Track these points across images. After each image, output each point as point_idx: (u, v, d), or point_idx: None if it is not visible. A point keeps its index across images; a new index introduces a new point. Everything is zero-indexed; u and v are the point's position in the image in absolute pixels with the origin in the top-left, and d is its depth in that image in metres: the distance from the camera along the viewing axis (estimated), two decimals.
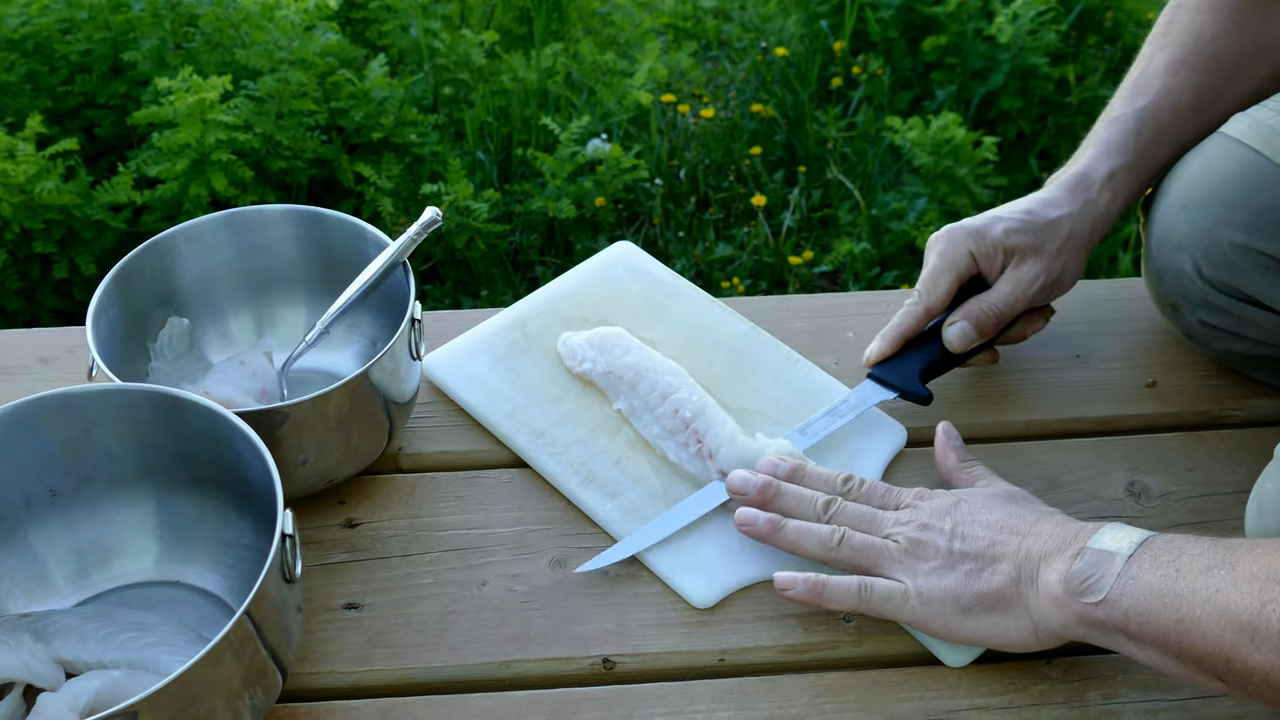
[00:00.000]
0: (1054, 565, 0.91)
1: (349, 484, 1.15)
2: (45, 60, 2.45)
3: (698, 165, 2.76)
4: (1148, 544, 0.88)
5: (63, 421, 0.99)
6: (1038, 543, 0.94)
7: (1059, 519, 0.96)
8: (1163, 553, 0.87)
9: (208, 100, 2.22)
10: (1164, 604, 0.84)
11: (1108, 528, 0.91)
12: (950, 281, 1.15)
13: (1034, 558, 0.93)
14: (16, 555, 1.01)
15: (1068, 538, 0.92)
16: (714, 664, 1.02)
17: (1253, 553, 0.83)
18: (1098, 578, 0.88)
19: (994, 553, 0.95)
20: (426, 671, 1.01)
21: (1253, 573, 0.81)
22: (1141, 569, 0.87)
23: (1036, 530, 0.95)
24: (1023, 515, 0.98)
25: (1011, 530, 0.96)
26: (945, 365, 1.18)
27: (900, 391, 1.16)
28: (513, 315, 1.29)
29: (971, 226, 1.15)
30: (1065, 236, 1.15)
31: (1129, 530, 0.90)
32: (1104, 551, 0.89)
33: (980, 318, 1.14)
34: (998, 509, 0.99)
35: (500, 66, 2.82)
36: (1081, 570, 0.89)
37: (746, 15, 3.16)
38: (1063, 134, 2.82)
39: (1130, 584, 0.87)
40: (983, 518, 0.98)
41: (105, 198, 2.28)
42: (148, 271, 1.15)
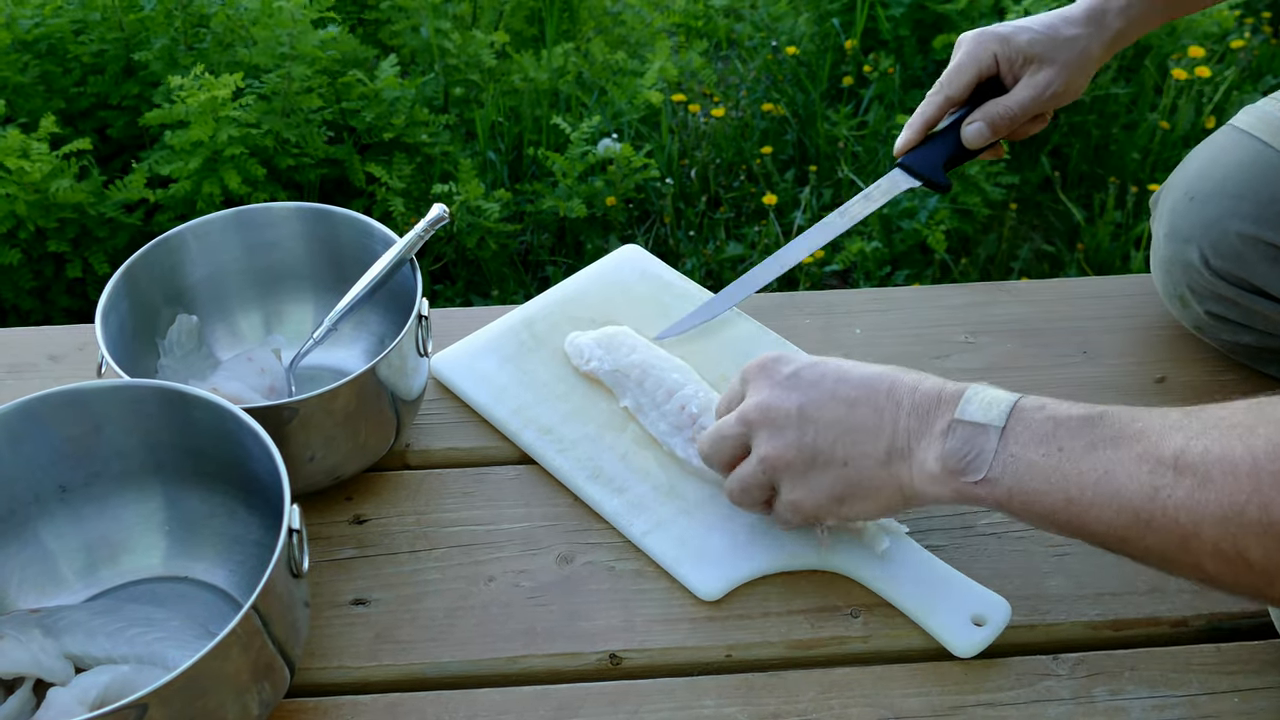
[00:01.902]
0: (926, 444, 0.89)
1: (356, 480, 1.15)
2: (58, 61, 2.46)
3: (709, 164, 2.76)
4: (1018, 413, 0.86)
5: (72, 418, 0.99)
6: (901, 416, 0.91)
7: (908, 382, 0.92)
8: (1038, 425, 0.84)
9: (220, 97, 2.23)
10: (1050, 484, 0.83)
11: (971, 391, 0.88)
12: (972, 76, 1.22)
13: (901, 433, 0.91)
14: (26, 551, 1.02)
15: (929, 406, 0.90)
16: (721, 659, 1.02)
17: (1131, 428, 0.81)
18: (974, 455, 0.86)
19: (854, 443, 0.93)
20: (434, 667, 1.01)
21: (1139, 454, 0.79)
22: (1021, 446, 0.85)
23: (895, 398, 0.92)
24: (874, 387, 0.93)
25: (870, 405, 0.93)
26: (961, 158, 1.25)
27: (925, 180, 1.24)
28: (520, 316, 1.29)
29: (999, 32, 1.22)
30: (1079, 52, 1.21)
31: (994, 394, 0.88)
32: (975, 425, 0.87)
33: (996, 119, 1.22)
34: (845, 388, 0.95)
35: (511, 66, 2.83)
36: (957, 449, 0.87)
37: (757, 14, 3.16)
38: (1074, 132, 2.81)
39: (1011, 462, 0.85)
40: (830, 413, 0.94)
41: (118, 197, 2.29)
42: (157, 269, 1.16)
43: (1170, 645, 1.02)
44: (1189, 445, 0.77)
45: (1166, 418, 0.80)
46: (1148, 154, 2.74)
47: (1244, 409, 0.77)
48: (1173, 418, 0.80)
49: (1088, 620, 1.04)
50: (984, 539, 1.09)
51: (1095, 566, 1.08)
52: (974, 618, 1.02)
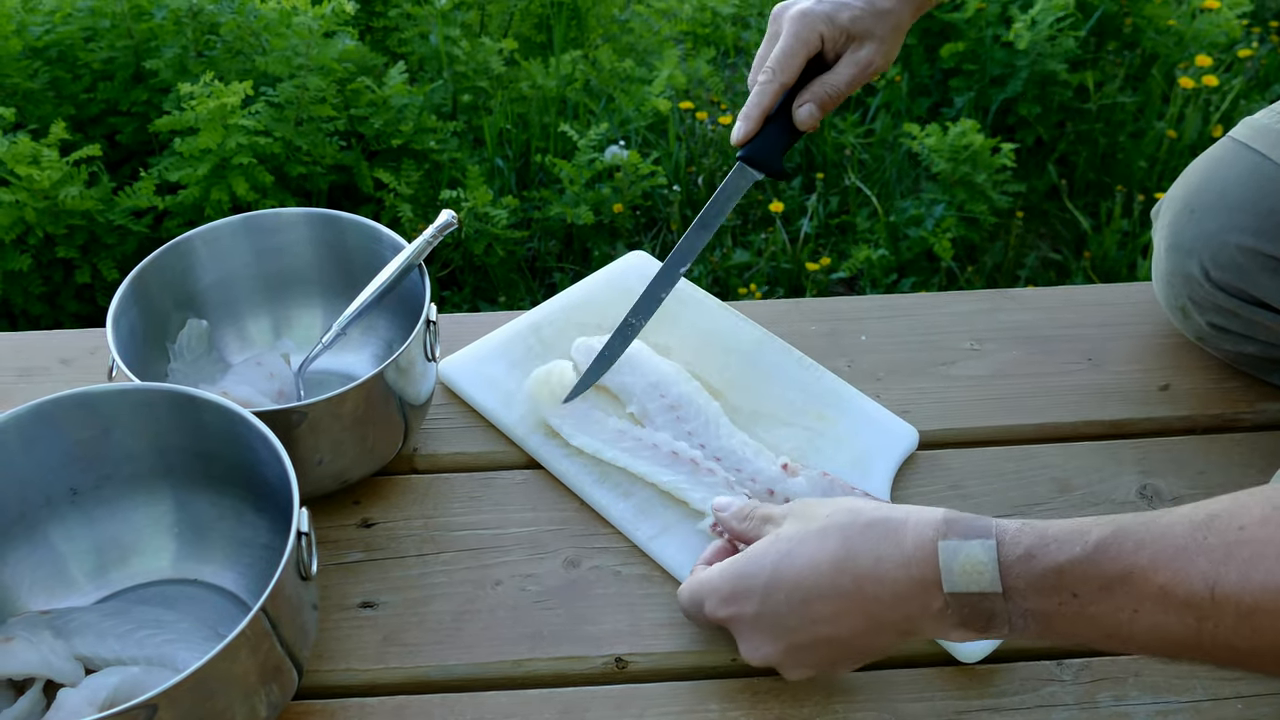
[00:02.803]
0: (930, 623, 0.86)
1: (364, 484, 1.16)
2: (69, 68, 2.47)
3: (715, 172, 2.76)
4: (1008, 569, 0.81)
5: (83, 421, 1.00)
6: (887, 613, 0.86)
7: (869, 569, 0.86)
8: (1039, 577, 0.80)
9: (229, 105, 2.24)
10: (1079, 627, 0.80)
11: (944, 558, 0.83)
12: (802, 59, 1.20)
13: (899, 624, 0.87)
14: (37, 553, 1.03)
15: (909, 594, 0.85)
16: (726, 664, 1.02)
17: (1140, 557, 0.77)
18: (987, 619, 0.83)
19: (858, 647, 0.91)
20: (441, 669, 1.02)
21: (1163, 588, 0.75)
22: (1031, 601, 0.81)
23: (872, 596, 0.86)
24: (843, 593, 0.88)
25: (855, 614, 0.88)
26: (793, 142, 1.24)
27: (767, 170, 1.22)
28: (528, 321, 1.30)
29: (822, 11, 1.19)
30: (893, 26, 1.20)
31: (969, 553, 0.82)
32: (971, 595, 0.82)
33: (824, 99, 1.20)
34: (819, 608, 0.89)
35: (519, 74, 2.84)
36: (967, 619, 0.83)
37: (764, 22, 3.16)
38: (1081, 140, 2.82)
39: (1030, 616, 0.81)
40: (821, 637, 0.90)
41: (127, 203, 2.30)
42: (167, 274, 1.17)
43: None
44: (1221, 575, 0.73)
45: (1174, 537, 0.76)
46: (1155, 162, 2.75)
47: (1259, 518, 0.74)
48: (1181, 534, 0.76)
49: None
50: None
51: None
52: None
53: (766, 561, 0.91)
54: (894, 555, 0.85)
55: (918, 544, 0.85)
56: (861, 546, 0.87)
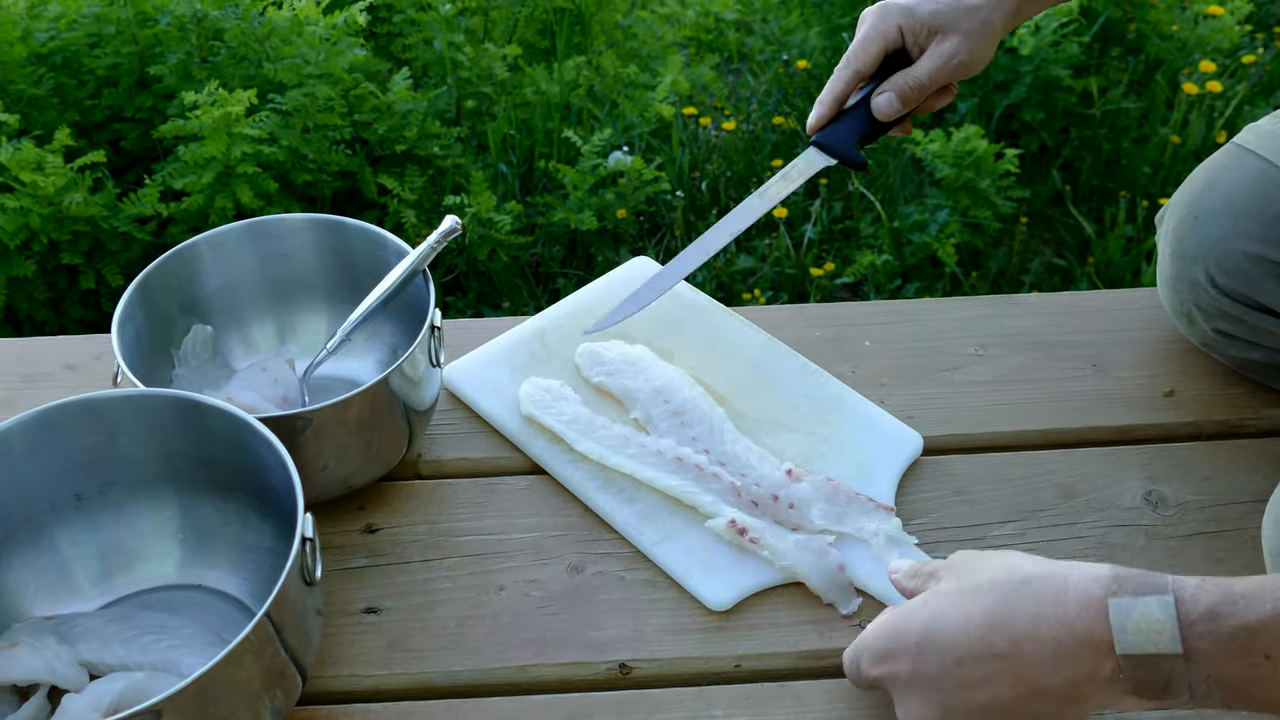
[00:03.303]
0: (1099, 689, 0.80)
1: (369, 490, 1.16)
2: (73, 74, 2.48)
3: (719, 177, 2.76)
4: (1191, 628, 0.75)
5: (87, 426, 1.00)
6: (1050, 679, 0.81)
7: (1028, 630, 0.81)
8: (1227, 639, 0.74)
9: (233, 114, 2.24)
10: (1274, 690, 0.75)
11: (1116, 617, 0.78)
12: (879, 49, 1.20)
13: (1063, 689, 0.81)
14: (42, 558, 1.03)
15: (1074, 655, 0.79)
16: (730, 669, 1.02)
17: None
18: (1164, 684, 0.77)
19: (1013, 709, 0.84)
20: (445, 675, 1.02)
21: None
22: (1217, 665, 0.75)
23: (1035, 662, 0.81)
24: (1003, 657, 0.83)
25: (1013, 682, 0.82)
26: (873, 135, 1.24)
27: (840, 157, 1.22)
28: (532, 327, 1.30)
29: (903, 4, 1.20)
30: (981, 22, 1.20)
31: (1144, 611, 0.77)
32: (1149, 657, 0.76)
33: (904, 89, 1.20)
34: (974, 672, 0.84)
35: (523, 79, 2.84)
36: (1143, 684, 0.77)
37: (768, 28, 3.17)
38: (1085, 146, 2.82)
39: (1215, 681, 0.76)
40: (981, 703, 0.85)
41: (132, 210, 2.30)
42: (172, 279, 1.17)
43: None
44: None
45: None
46: (1159, 168, 2.74)
47: None
48: None
49: None
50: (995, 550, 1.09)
51: None
52: None
53: (918, 619, 0.87)
54: (1055, 614, 0.80)
55: (1083, 602, 0.79)
56: (1018, 605, 0.82)
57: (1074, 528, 1.12)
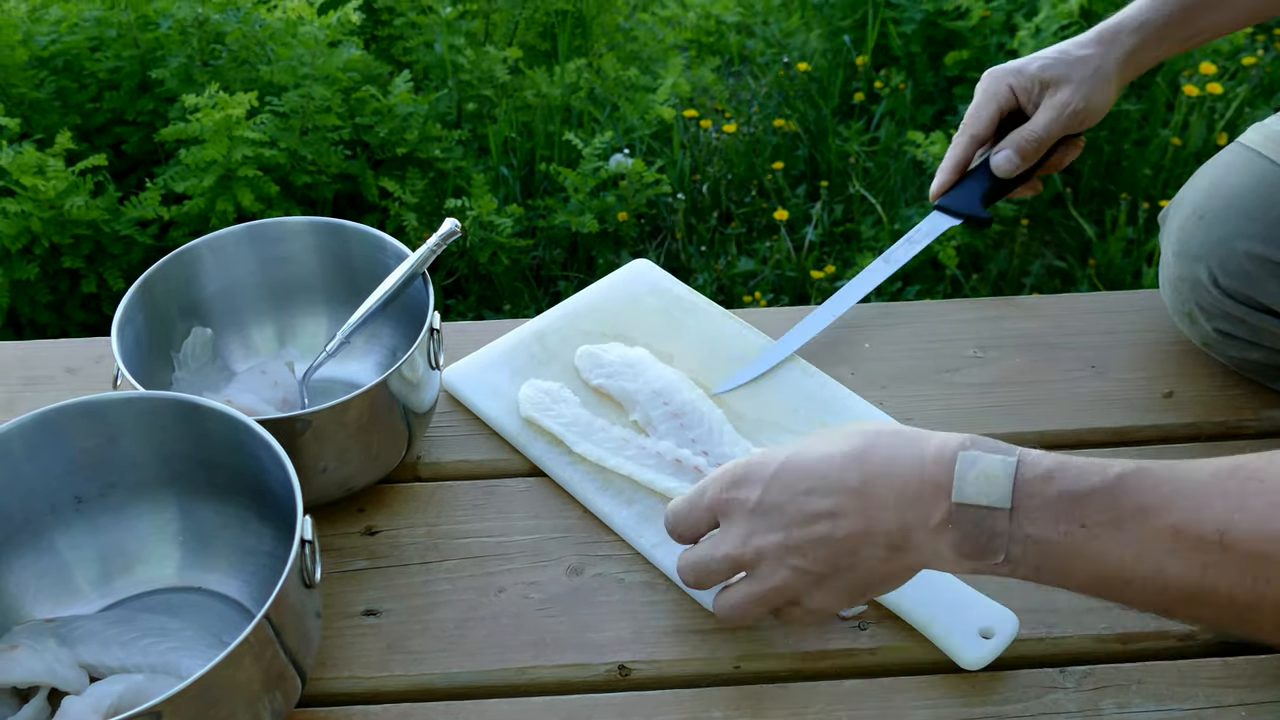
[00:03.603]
0: (928, 535, 0.83)
1: (368, 492, 1.16)
2: (75, 77, 2.48)
3: (720, 180, 2.77)
4: (1023, 487, 0.79)
5: (88, 429, 1.00)
6: (888, 515, 0.84)
7: (881, 468, 0.84)
8: (1052, 502, 0.78)
9: (234, 117, 2.24)
10: (1079, 563, 0.78)
11: (961, 465, 0.80)
12: (992, 111, 1.24)
13: (897, 532, 0.84)
14: (42, 561, 1.03)
15: (915, 494, 0.82)
16: (729, 671, 1.03)
17: (1156, 495, 0.75)
18: (987, 540, 0.80)
19: (852, 552, 0.86)
20: (444, 677, 1.02)
21: (1174, 527, 0.74)
22: (1037, 527, 0.78)
23: (876, 497, 0.84)
24: (848, 489, 0.85)
25: (853, 514, 0.85)
26: (997, 193, 1.27)
27: (964, 217, 1.27)
28: (532, 329, 1.30)
29: (1011, 66, 1.25)
30: (1094, 70, 1.22)
31: (987, 464, 0.80)
32: (978, 508, 0.80)
33: (1022, 144, 1.23)
34: (818, 502, 0.86)
35: (524, 82, 2.84)
36: (967, 537, 0.80)
37: (769, 30, 3.17)
38: (1086, 148, 2.82)
39: (1031, 545, 0.79)
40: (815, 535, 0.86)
41: (133, 213, 2.30)
42: (172, 282, 1.17)
43: (1177, 659, 1.03)
44: (1235, 521, 0.72)
45: (1195, 479, 0.75)
46: (1160, 170, 2.74)
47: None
48: (1203, 478, 0.75)
49: (1095, 633, 1.04)
50: None
51: None
52: (982, 630, 1.02)
53: (781, 453, 0.89)
54: (910, 456, 0.83)
55: (939, 452, 0.82)
56: (880, 445, 0.85)
57: None
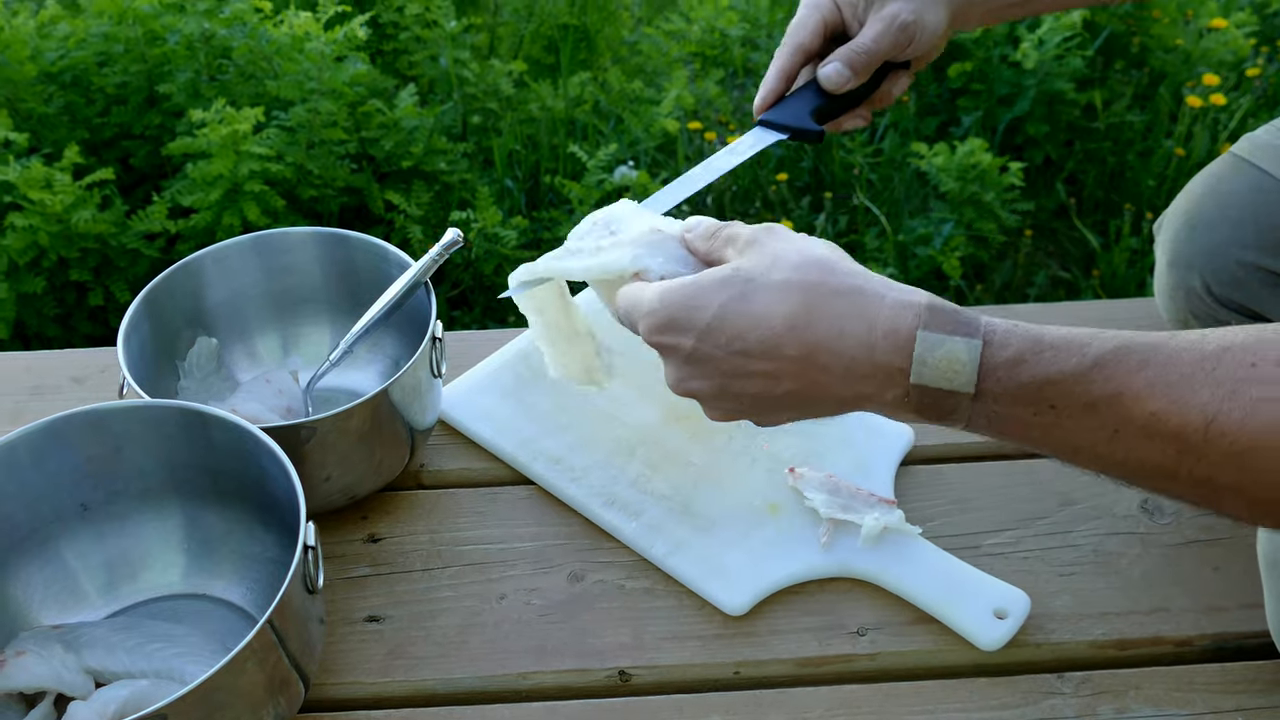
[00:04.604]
0: (884, 406, 0.80)
1: (372, 499, 1.17)
2: (83, 92, 2.50)
3: (724, 192, 2.78)
4: (990, 372, 0.75)
5: (93, 438, 1.01)
6: (837, 385, 0.80)
7: (829, 342, 0.79)
8: (1022, 385, 0.74)
9: (241, 131, 2.26)
10: (1046, 439, 0.76)
11: (920, 349, 0.76)
12: (816, 21, 1.15)
13: (850, 400, 0.81)
14: (49, 568, 1.04)
15: (868, 374, 0.78)
16: (729, 676, 1.03)
17: (1138, 380, 0.72)
18: (948, 413, 0.77)
19: (804, 405, 0.83)
20: (446, 683, 1.03)
21: (1155, 415, 0.71)
22: (1004, 405, 0.75)
23: (824, 367, 0.79)
24: (793, 352, 0.80)
25: (805, 380, 0.81)
26: (827, 113, 1.16)
27: (792, 131, 1.15)
28: (515, 350, 1.30)
29: None
30: None
31: (951, 349, 0.76)
32: (941, 391, 0.76)
33: (851, 56, 1.13)
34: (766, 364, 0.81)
35: (528, 95, 2.85)
36: (924, 408, 0.78)
37: (773, 43, 3.18)
38: (1090, 159, 2.82)
39: (996, 418, 0.76)
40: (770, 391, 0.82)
41: (140, 226, 2.31)
42: (177, 292, 1.18)
43: (1175, 665, 1.03)
44: (1222, 411, 0.70)
45: (1179, 363, 0.72)
46: (1163, 181, 2.75)
47: (1276, 358, 0.70)
48: (1185, 362, 0.72)
49: (1093, 639, 1.05)
50: (990, 559, 1.11)
51: (1101, 586, 1.09)
52: (995, 611, 1.04)
53: (714, 300, 0.82)
54: (860, 333, 0.78)
55: (892, 328, 0.77)
56: (825, 314, 0.79)
57: (1069, 535, 1.13)
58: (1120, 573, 1.10)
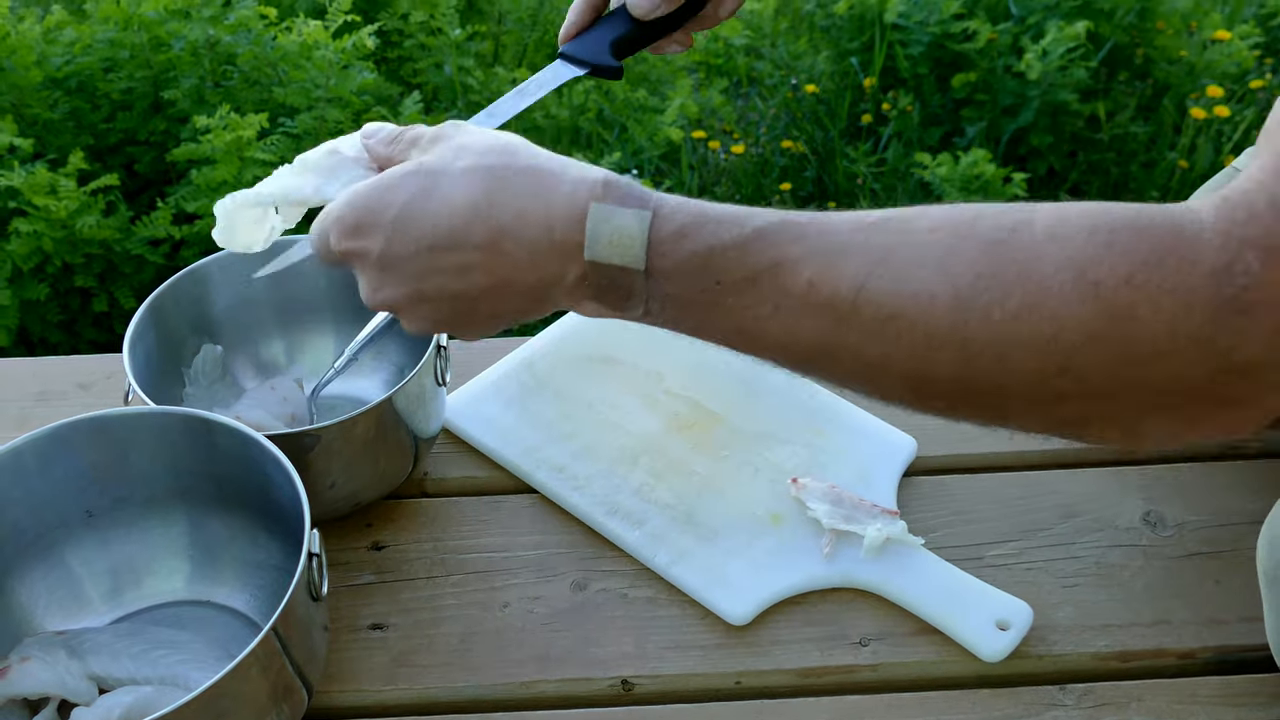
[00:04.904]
0: (565, 291, 0.78)
1: (376, 507, 1.17)
2: (88, 98, 2.51)
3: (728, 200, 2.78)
4: (658, 246, 0.73)
5: (99, 444, 1.02)
6: (520, 272, 0.78)
7: (511, 224, 0.76)
8: (687, 258, 0.73)
9: (245, 138, 2.26)
10: (714, 317, 0.74)
11: (592, 219, 0.74)
12: None
13: (534, 288, 0.78)
14: (53, 574, 1.04)
15: (547, 253, 0.76)
16: (731, 686, 1.03)
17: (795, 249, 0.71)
18: (624, 297, 0.76)
19: (487, 302, 0.80)
20: (449, 691, 1.03)
21: (809, 283, 0.70)
22: (674, 284, 0.74)
23: (504, 252, 0.77)
24: (476, 243, 0.77)
25: (485, 270, 0.78)
26: (638, 42, 1.09)
27: (590, 67, 1.08)
28: (520, 358, 1.30)
29: None
30: None
31: (620, 220, 0.74)
32: (613, 267, 0.74)
33: None
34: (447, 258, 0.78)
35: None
36: (602, 292, 0.76)
37: (777, 52, 3.19)
38: (1093, 170, 2.83)
39: (669, 301, 0.75)
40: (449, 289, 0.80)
41: (144, 233, 2.32)
42: (183, 300, 1.18)
43: (1177, 677, 1.03)
44: (871, 275, 0.68)
45: (834, 233, 0.70)
46: (1167, 192, 2.76)
47: (929, 226, 0.69)
48: (841, 232, 0.70)
49: (1095, 651, 1.05)
50: (993, 570, 1.11)
51: (1103, 598, 1.09)
52: (998, 622, 1.04)
53: (399, 195, 0.79)
54: (539, 212, 0.76)
55: (569, 204, 0.75)
56: (506, 196, 0.77)
57: (1072, 547, 1.13)
58: (1123, 585, 1.10)
